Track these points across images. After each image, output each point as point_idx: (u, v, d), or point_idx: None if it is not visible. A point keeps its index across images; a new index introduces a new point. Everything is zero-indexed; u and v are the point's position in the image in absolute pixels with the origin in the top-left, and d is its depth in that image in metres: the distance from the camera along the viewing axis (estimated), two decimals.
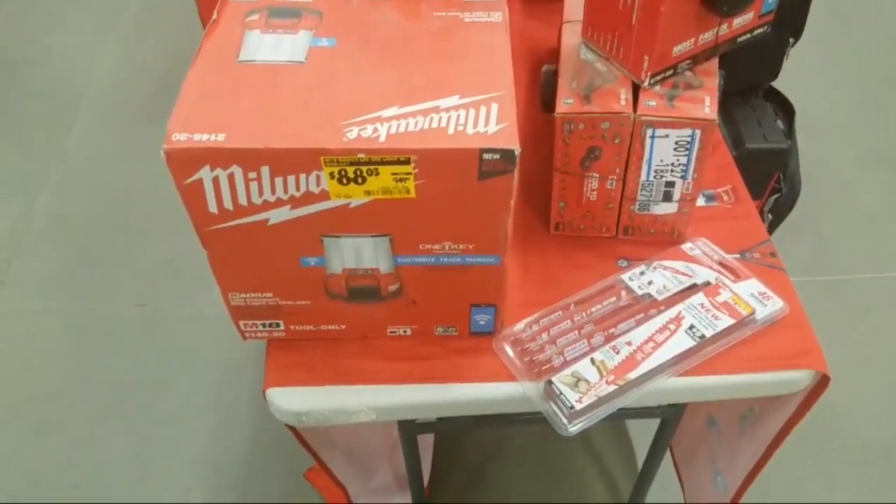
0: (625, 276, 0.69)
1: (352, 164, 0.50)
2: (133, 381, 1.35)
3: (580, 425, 0.59)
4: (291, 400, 0.64)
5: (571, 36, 0.70)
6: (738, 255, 0.72)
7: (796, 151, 1.34)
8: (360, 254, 0.58)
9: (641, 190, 0.68)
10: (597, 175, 0.68)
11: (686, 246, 0.72)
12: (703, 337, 0.63)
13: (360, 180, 0.51)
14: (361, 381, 0.64)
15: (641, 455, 1.09)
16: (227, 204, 0.53)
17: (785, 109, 1.29)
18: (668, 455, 1.08)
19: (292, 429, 0.70)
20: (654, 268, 0.70)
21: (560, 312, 0.67)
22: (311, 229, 0.55)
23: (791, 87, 1.27)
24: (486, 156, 0.49)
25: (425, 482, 1.15)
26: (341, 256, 0.58)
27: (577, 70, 0.67)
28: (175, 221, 0.61)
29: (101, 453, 1.26)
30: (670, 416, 0.86)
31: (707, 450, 0.98)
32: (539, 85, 0.71)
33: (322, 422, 0.64)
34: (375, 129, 0.50)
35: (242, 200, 0.53)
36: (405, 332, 0.66)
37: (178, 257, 1.51)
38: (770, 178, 1.28)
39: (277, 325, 0.65)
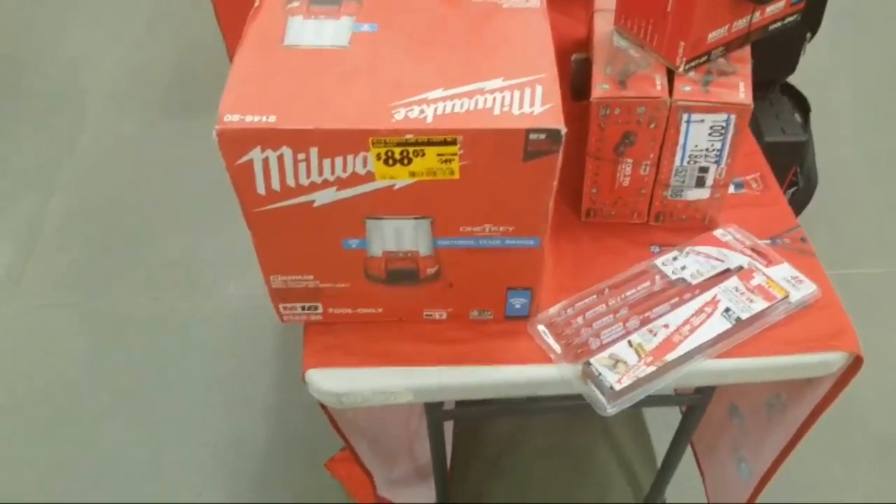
0: (658, 262, 0.70)
1: (399, 144, 0.51)
2: (146, 376, 1.35)
3: (619, 406, 0.60)
4: (331, 381, 0.64)
5: (604, 24, 0.70)
6: (769, 241, 0.73)
7: (812, 146, 1.35)
8: (400, 236, 0.59)
9: (675, 175, 0.69)
10: (631, 161, 0.68)
11: (718, 232, 0.73)
12: (738, 319, 0.64)
13: (405, 161, 0.52)
14: (399, 363, 0.65)
15: (660, 450, 1.10)
16: (275, 185, 0.54)
17: (801, 105, 1.30)
18: (688, 452, 1.09)
19: (326, 412, 0.71)
20: (687, 253, 0.70)
21: (595, 297, 0.68)
22: (355, 211, 0.56)
23: (806, 84, 1.28)
24: (532, 136, 0.50)
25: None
26: (382, 239, 0.59)
27: (610, 57, 0.67)
28: (190, 216, 0.61)
29: (113, 447, 1.26)
30: (696, 404, 0.87)
31: (730, 439, 0.98)
32: (567, 75, 0.72)
33: (361, 402, 0.65)
34: (422, 111, 0.51)
35: (290, 182, 0.54)
36: (441, 315, 0.67)
37: (194, 252, 1.52)
38: (788, 172, 1.29)
39: (315, 307, 0.66)
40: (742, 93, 0.63)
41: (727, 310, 0.65)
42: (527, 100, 0.51)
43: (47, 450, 1.27)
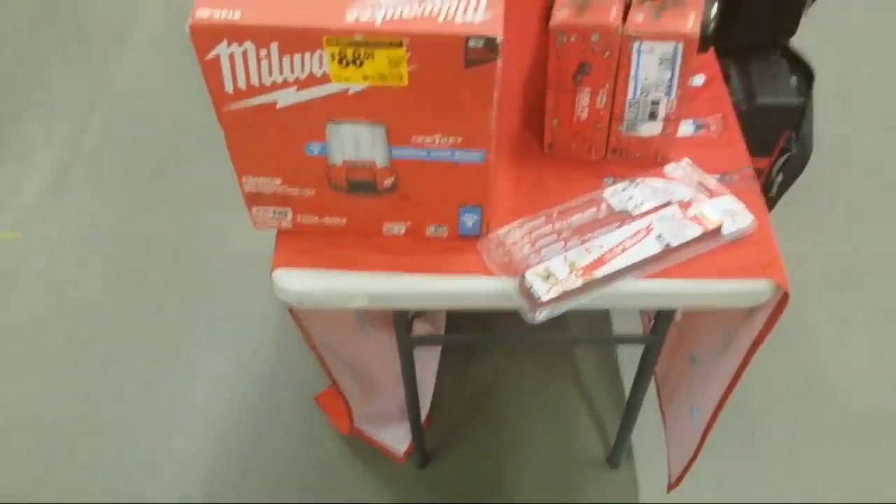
0: (607, 192, 0.74)
1: (350, 45, 0.56)
2: (167, 308, 1.42)
3: (546, 315, 0.64)
4: (294, 281, 0.70)
5: None
6: (718, 177, 0.76)
7: (811, 113, 1.35)
8: (358, 143, 0.64)
9: (629, 108, 0.73)
10: (588, 90, 0.72)
11: (669, 167, 0.76)
12: (668, 245, 0.68)
13: (357, 63, 0.57)
14: (357, 269, 0.70)
15: None
16: (241, 83, 0.59)
17: (805, 72, 1.30)
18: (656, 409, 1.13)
19: (296, 321, 0.76)
20: (636, 185, 0.74)
21: (543, 219, 0.72)
22: (315, 114, 0.61)
23: (820, 57, 1.27)
24: (471, 43, 0.55)
25: (424, 415, 1.21)
26: (341, 145, 0.64)
27: None
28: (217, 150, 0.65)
29: (118, 376, 1.34)
30: (652, 343, 0.91)
31: (686, 386, 1.02)
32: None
33: (319, 303, 0.71)
34: (372, 14, 0.56)
35: (255, 80, 0.59)
36: (399, 230, 0.72)
37: (225, 184, 1.58)
38: (780, 136, 1.30)
39: (285, 213, 0.71)
40: (691, 23, 0.66)
41: (659, 235, 0.68)
42: (471, 9, 0.56)
43: (59, 371, 1.34)
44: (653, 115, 0.73)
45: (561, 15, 0.68)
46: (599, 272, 0.65)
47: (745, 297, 0.69)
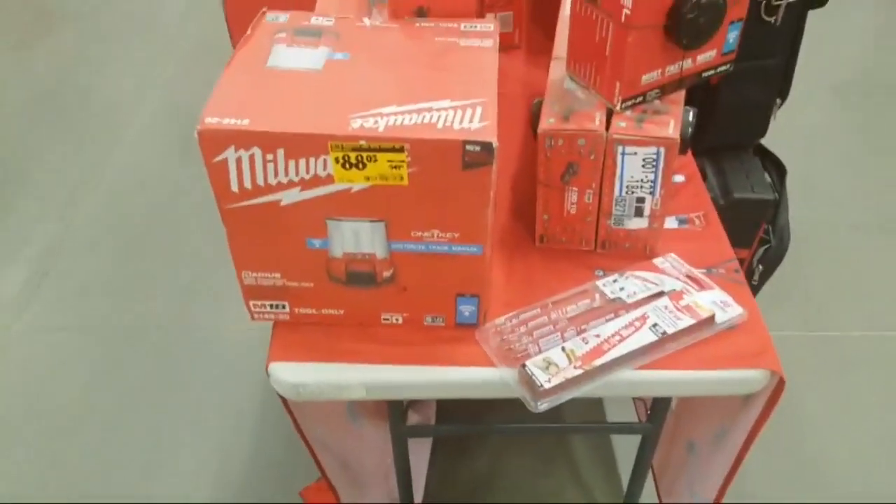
0: (599, 283, 0.76)
1: (354, 150, 0.59)
2: (151, 397, 1.41)
3: (549, 403, 0.65)
4: (290, 373, 0.70)
5: (557, 70, 0.79)
6: (704, 270, 0.79)
7: (786, 206, 1.41)
8: (358, 238, 0.66)
9: (616, 205, 0.76)
10: (576, 189, 0.76)
11: (657, 260, 0.79)
12: (664, 333, 0.70)
13: (360, 166, 0.60)
14: (354, 360, 0.71)
15: None
16: (247, 183, 0.62)
17: (777, 168, 1.38)
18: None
19: (289, 414, 0.76)
20: (627, 276, 0.77)
21: (538, 310, 0.74)
22: (318, 211, 0.64)
23: (791, 153, 1.34)
24: (468, 147, 0.58)
25: None
26: (342, 239, 0.66)
27: (559, 97, 0.76)
28: (201, 247, 0.68)
29: (110, 460, 1.31)
30: (649, 432, 0.91)
31: (686, 475, 1.01)
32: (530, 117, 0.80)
33: (317, 395, 0.71)
34: (376, 122, 0.59)
35: (260, 181, 0.61)
36: (397, 320, 0.73)
37: (205, 282, 1.60)
38: (758, 229, 1.35)
39: (283, 306, 0.72)
40: (671, 129, 0.70)
41: (654, 325, 0.70)
42: (467, 118, 0.59)
43: (42, 464, 1.31)
44: (639, 212, 0.76)
45: (549, 122, 0.72)
46: (598, 361, 0.67)
47: (741, 385, 0.71)
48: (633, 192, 0.75)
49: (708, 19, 0.66)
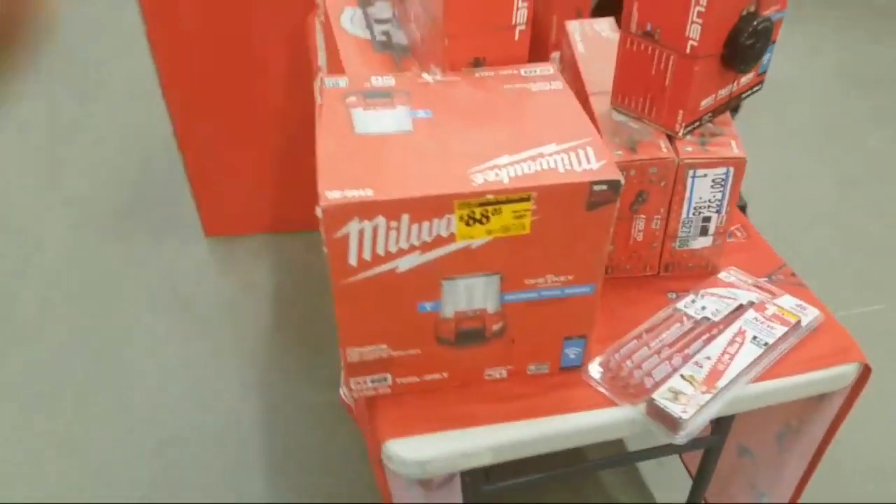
0: (680, 305, 0.78)
1: (480, 205, 0.57)
2: None
3: (689, 434, 0.65)
4: (412, 450, 0.66)
5: (601, 105, 0.81)
6: (766, 279, 0.82)
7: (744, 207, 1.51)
8: (471, 294, 0.64)
9: (682, 227, 0.78)
10: (643, 216, 0.77)
11: (722, 275, 0.82)
12: (766, 344, 0.72)
13: (484, 220, 0.58)
14: (474, 424, 0.68)
15: None
16: (366, 255, 0.58)
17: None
18: None
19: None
20: (703, 295, 0.79)
21: (635, 342, 0.74)
22: (434, 273, 0.61)
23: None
24: (595, 187, 0.58)
25: None
26: (455, 299, 0.64)
27: (614, 130, 0.78)
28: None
29: None
30: (714, 445, 0.93)
31: (743, 478, 1.04)
32: None
33: (445, 468, 0.67)
34: (497, 174, 0.58)
35: (380, 250, 0.58)
36: (501, 374, 0.71)
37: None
38: None
39: (384, 379, 0.68)
40: (736, 148, 0.74)
41: (755, 337, 0.72)
42: (583, 159, 0.60)
43: None
44: (704, 231, 0.79)
45: (617, 154, 0.74)
46: (720, 382, 0.68)
47: (836, 380, 0.74)
48: (700, 213, 0.77)
49: (762, 44, 0.70)
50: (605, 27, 0.95)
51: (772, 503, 0.96)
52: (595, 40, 0.91)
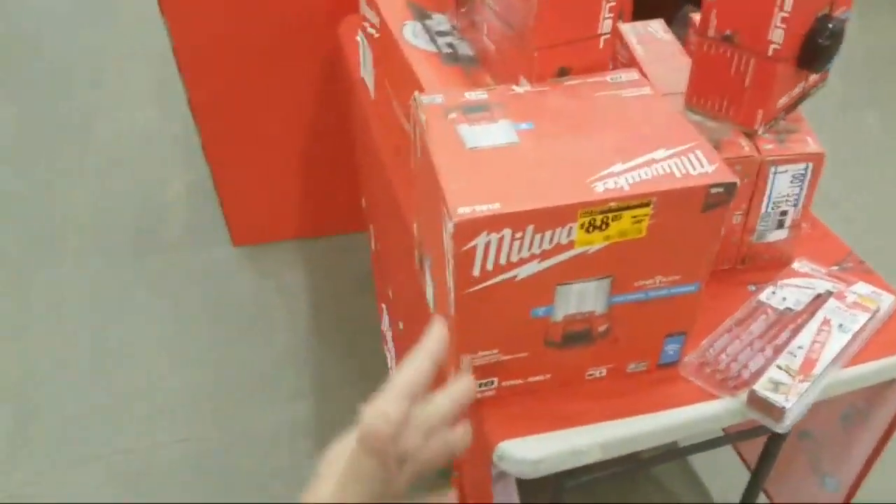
0: (763, 297, 0.80)
1: (602, 212, 0.59)
2: None
3: (792, 421, 0.68)
4: (524, 450, 0.68)
5: (673, 105, 0.83)
6: (836, 267, 0.85)
7: None
8: (582, 298, 0.66)
9: (761, 221, 0.81)
10: None
11: (795, 265, 0.85)
12: (852, 331, 0.75)
13: (604, 227, 0.60)
14: (582, 423, 0.70)
15: None
16: (489, 265, 0.60)
17: None
18: None
19: None
20: (782, 287, 0.81)
21: (726, 336, 0.76)
22: (551, 279, 0.63)
23: None
24: (712, 190, 0.60)
25: None
26: (567, 302, 0.66)
27: None
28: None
29: None
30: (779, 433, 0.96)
31: (805, 460, 1.07)
32: None
33: (556, 467, 0.69)
34: (616, 182, 0.60)
35: (503, 260, 0.60)
36: (601, 373, 0.73)
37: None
38: None
39: (491, 383, 0.70)
40: (813, 144, 0.76)
41: (840, 325, 0.75)
42: (696, 163, 0.62)
43: None
44: (780, 224, 0.82)
45: None
46: (816, 371, 0.70)
47: None
48: (778, 207, 0.80)
49: (836, 44, 0.73)
50: (658, 28, 0.97)
51: (838, 482, 0.99)
52: (652, 42, 0.94)
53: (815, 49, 0.72)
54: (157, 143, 2.18)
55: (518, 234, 0.59)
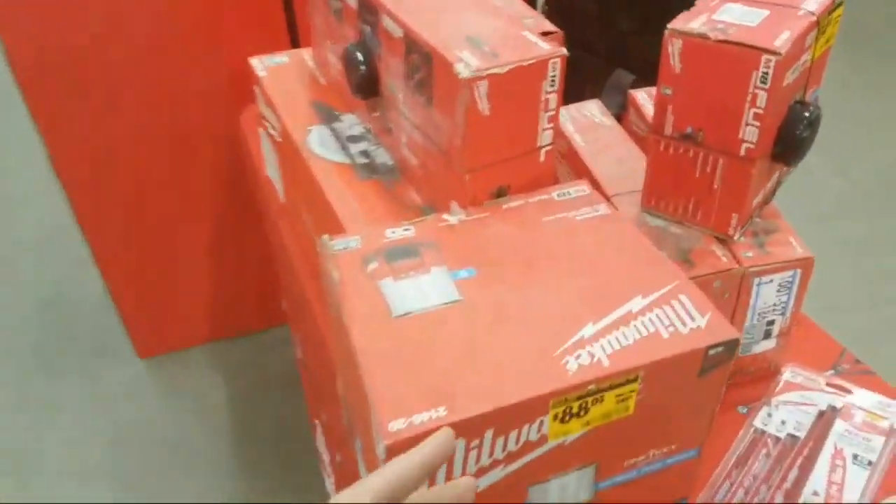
0: (758, 424, 0.68)
1: (579, 398, 0.46)
2: None
3: None
4: None
5: (629, 207, 0.72)
6: (832, 372, 0.74)
7: None
8: (563, 490, 0.52)
9: (745, 334, 0.69)
10: None
11: (786, 375, 0.73)
12: (870, 462, 0.63)
13: (582, 413, 0.47)
14: None
15: None
16: (439, 479, 0.45)
17: None
18: None
19: None
20: (776, 406, 0.70)
21: (727, 484, 0.64)
22: (521, 481, 0.49)
23: None
24: (711, 352, 0.47)
25: None
26: (545, 498, 0.51)
27: (656, 238, 0.68)
28: None
29: None
30: None
31: None
32: None
33: None
34: (590, 354, 0.46)
35: (457, 472, 0.45)
36: None
37: None
38: None
39: None
40: (798, 247, 0.66)
41: (855, 456, 0.64)
42: (683, 314, 0.49)
43: None
44: (767, 335, 0.70)
45: None
46: None
47: None
48: (764, 318, 0.69)
49: (814, 133, 0.63)
50: (595, 111, 0.86)
51: None
52: (589, 128, 0.82)
53: (793, 142, 0.62)
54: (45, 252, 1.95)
55: (474, 443, 0.44)
